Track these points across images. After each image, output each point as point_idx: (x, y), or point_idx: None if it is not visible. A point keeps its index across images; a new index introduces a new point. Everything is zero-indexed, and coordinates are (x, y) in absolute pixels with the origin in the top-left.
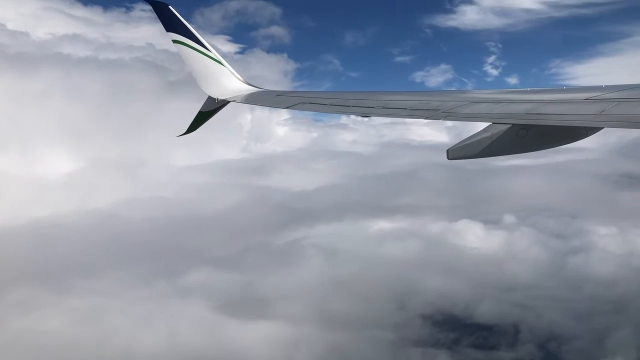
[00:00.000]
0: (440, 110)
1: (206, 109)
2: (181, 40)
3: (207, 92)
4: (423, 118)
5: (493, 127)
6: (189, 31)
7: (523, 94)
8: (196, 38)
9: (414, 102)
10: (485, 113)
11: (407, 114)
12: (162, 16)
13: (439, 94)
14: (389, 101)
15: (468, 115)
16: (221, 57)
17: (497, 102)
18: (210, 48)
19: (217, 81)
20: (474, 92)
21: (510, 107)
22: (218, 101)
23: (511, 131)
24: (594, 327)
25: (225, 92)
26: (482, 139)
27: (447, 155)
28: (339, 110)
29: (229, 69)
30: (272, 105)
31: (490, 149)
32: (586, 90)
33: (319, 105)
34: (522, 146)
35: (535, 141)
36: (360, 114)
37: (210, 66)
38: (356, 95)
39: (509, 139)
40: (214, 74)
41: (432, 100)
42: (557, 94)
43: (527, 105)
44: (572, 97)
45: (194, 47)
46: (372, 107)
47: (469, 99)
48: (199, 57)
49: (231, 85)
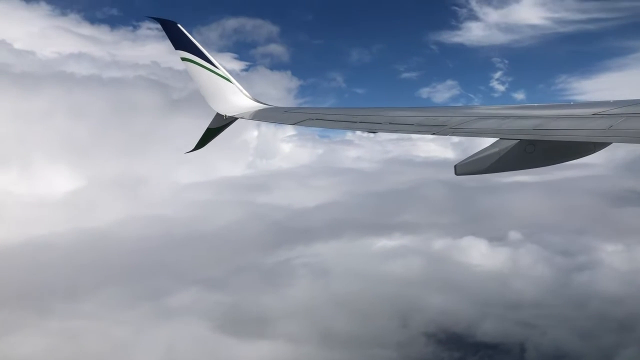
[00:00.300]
0: (447, 126)
1: (214, 125)
2: (190, 57)
3: (215, 108)
4: (430, 134)
5: (501, 142)
6: (198, 49)
7: (530, 110)
8: (204, 55)
9: (420, 118)
10: (493, 128)
11: (414, 130)
12: (171, 34)
13: (445, 109)
14: (396, 117)
15: (475, 130)
16: (229, 74)
17: (504, 118)
18: (219, 65)
19: (225, 98)
20: (481, 108)
21: (518, 123)
22: (226, 118)
23: (519, 147)
24: (600, 345)
25: (233, 109)
26: (489, 154)
27: (455, 171)
28: (346, 126)
29: (237, 85)
30: (279, 121)
31: (498, 165)
32: (594, 106)
33: (326, 121)
34: (530, 162)
35: (543, 157)
36: (367, 130)
37: (218, 83)
38: (363, 111)
39: (517, 155)
40: (222, 90)
41: (439, 116)
42: (565, 110)
43: (534, 120)
44: (579, 112)
45: (203, 64)
46: (378, 123)
47: (476, 115)
48: (207, 75)
49: (239, 102)
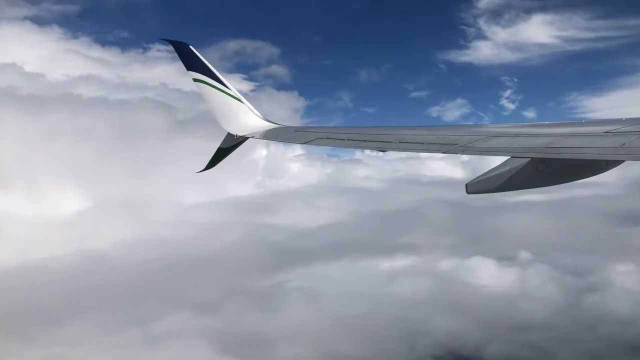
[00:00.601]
0: (458, 145)
1: (225, 145)
2: (201, 78)
3: (226, 128)
4: (440, 152)
5: (512, 161)
6: (209, 70)
7: (542, 128)
8: (216, 76)
9: (431, 137)
10: (504, 147)
11: (424, 149)
12: (183, 56)
13: (456, 128)
14: (406, 135)
15: (486, 149)
16: (240, 95)
17: (515, 136)
18: (230, 86)
19: (236, 118)
20: (492, 126)
21: (529, 141)
22: (237, 137)
23: (530, 165)
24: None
25: (244, 129)
26: (501, 173)
27: (466, 190)
28: (356, 144)
29: (248, 105)
30: (290, 140)
31: (510, 183)
32: (606, 124)
33: (336, 140)
34: (542, 180)
35: (555, 175)
36: (377, 149)
37: (229, 103)
38: (373, 130)
39: (529, 173)
40: (233, 111)
41: (449, 134)
42: (577, 127)
43: (546, 138)
44: (591, 130)
45: (214, 85)
46: (389, 141)
47: (486, 133)
48: (219, 95)
49: (250, 121)
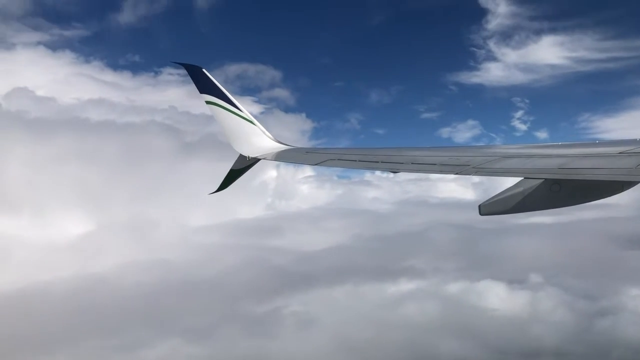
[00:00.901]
0: (470, 166)
1: (237, 166)
2: (214, 101)
3: (238, 150)
4: (453, 173)
5: (525, 182)
6: (222, 92)
7: (555, 149)
8: (228, 99)
9: (443, 158)
10: (517, 168)
11: (437, 170)
12: (196, 79)
13: (468, 149)
14: (418, 157)
15: (499, 170)
16: (252, 117)
17: (528, 157)
18: (242, 108)
19: (248, 140)
20: (504, 147)
21: (543, 162)
22: (249, 159)
23: (544, 186)
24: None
25: (256, 150)
26: (514, 194)
27: (479, 211)
28: (368, 166)
29: (260, 127)
30: (301, 162)
31: (523, 205)
32: (620, 144)
33: (347, 161)
34: (556, 201)
35: (570, 196)
36: (389, 170)
37: (241, 125)
38: (385, 151)
39: (542, 194)
40: (245, 132)
41: (462, 155)
42: (590, 148)
43: (559, 159)
44: (605, 150)
45: (226, 107)
46: (400, 162)
47: (499, 154)
48: (231, 117)
49: (262, 143)
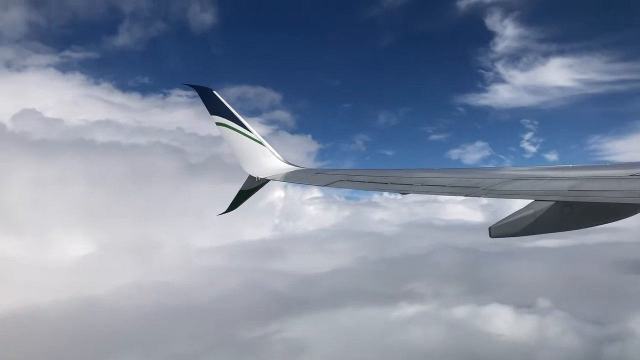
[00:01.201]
0: (480, 187)
1: (247, 187)
2: (224, 122)
3: (248, 171)
4: (463, 195)
5: (535, 204)
6: (232, 113)
7: (565, 171)
8: (238, 120)
9: (453, 179)
10: (527, 190)
11: (447, 191)
12: (207, 100)
13: (478, 171)
14: (428, 178)
15: (509, 192)
16: (262, 138)
17: (538, 179)
18: (252, 129)
19: (257, 160)
20: (514, 169)
21: (553, 184)
22: (258, 180)
23: (555, 208)
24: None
25: (265, 171)
26: (524, 216)
27: (489, 233)
28: (377, 187)
29: (269, 148)
30: (311, 183)
31: (534, 227)
32: (631, 167)
33: (357, 182)
34: (567, 224)
35: (581, 219)
36: (399, 191)
37: (251, 146)
38: (394, 172)
39: (553, 217)
40: (254, 153)
41: (472, 177)
42: (601, 170)
43: (570, 182)
44: (616, 173)
45: (236, 128)
46: (410, 184)
47: (509, 176)
48: (241, 138)
49: (271, 164)
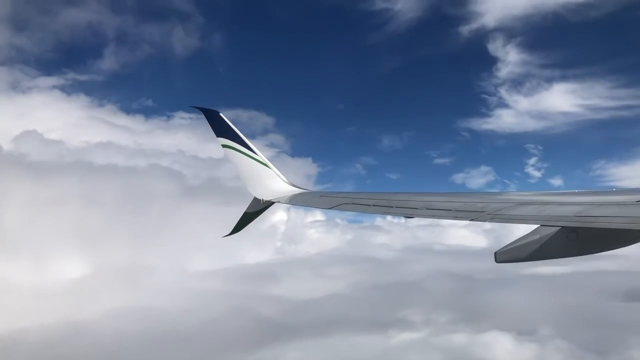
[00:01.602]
0: (486, 212)
1: (252, 209)
2: (230, 144)
3: (253, 193)
4: (468, 220)
5: (541, 229)
6: (238, 136)
7: (571, 196)
8: (244, 142)
9: (458, 204)
10: (533, 215)
11: (452, 216)
12: (213, 122)
13: (483, 195)
14: (433, 202)
15: (515, 217)
16: (267, 160)
17: (544, 204)
18: (257, 151)
19: (263, 183)
20: (520, 194)
21: (559, 209)
22: (263, 202)
23: (561, 234)
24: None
25: (270, 194)
26: (530, 241)
27: (495, 258)
28: (382, 210)
29: (275, 171)
30: (316, 205)
31: (540, 253)
32: (637, 193)
33: (362, 205)
34: (573, 250)
35: (587, 245)
36: (404, 215)
37: (256, 168)
38: (399, 196)
39: (559, 242)
40: (260, 176)
41: (477, 201)
42: (607, 196)
43: (576, 207)
44: (623, 199)
45: (242, 150)
46: (415, 208)
47: (515, 201)
48: (247, 160)
49: (276, 186)
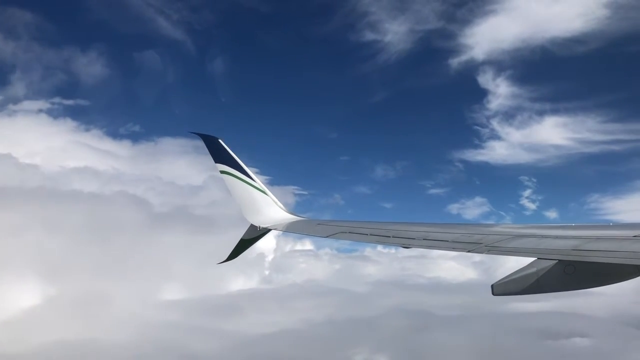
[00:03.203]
0: (483, 244)
1: (248, 236)
2: (228, 171)
3: (250, 220)
4: (465, 251)
5: (538, 262)
6: (236, 162)
7: (568, 230)
8: (242, 169)
9: (455, 235)
10: (530, 248)
11: (449, 247)
12: (212, 149)
13: (481, 227)
14: (430, 233)
15: (512, 249)
16: (265, 187)
17: (541, 237)
18: (255, 178)
19: (259, 210)
20: (517, 226)
21: (556, 243)
22: (260, 229)
23: (558, 267)
24: None
25: (267, 221)
26: (527, 274)
27: (492, 291)
28: (379, 240)
29: (272, 198)
30: (312, 233)
31: (537, 286)
32: (634, 227)
33: (358, 234)
34: (570, 284)
35: (584, 279)
36: (401, 245)
37: (254, 195)
38: (396, 225)
39: (556, 276)
40: (257, 203)
41: (474, 233)
42: (604, 231)
43: (573, 241)
44: (620, 233)
45: (240, 177)
46: (412, 238)
47: (512, 233)
48: (244, 187)
49: (273, 214)
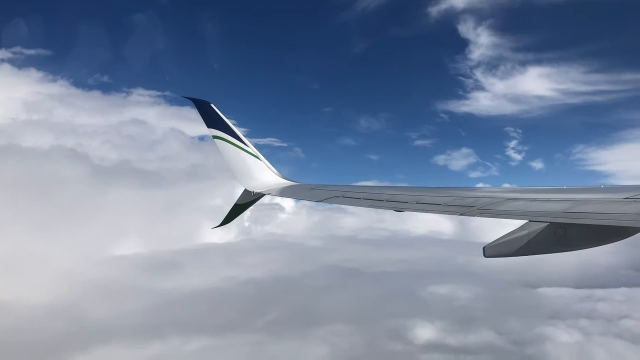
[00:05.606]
0: (475, 207)
1: (242, 201)
2: (221, 135)
3: (243, 185)
4: (457, 214)
5: (529, 225)
6: (229, 127)
7: (560, 193)
8: (235, 134)
9: (448, 198)
10: (522, 211)
11: (441, 210)
12: (204, 113)
13: (473, 190)
14: (423, 197)
15: (504, 212)
16: (258, 152)
17: (533, 200)
18: (248, 143)
19: (253, 175)
20: (509, 189)
21: (547, 205)
22: (253, 194)
23: (549, 230)
24: None
25: (261, 185)
26: (519, 237)
27: (483, 253)
28: (373, 204)
29: (265, 163)
30: (306, 198)
31: (528, 248)
32: (625, 190)
33: (352, 199)
34: (561, 245)
35: (574, 240)
36: (394, 209)
37: (247, 160)
38: (390, 189)
39: (547, 238)
40: (250, 167)
41: (467, 196)
42: (595, 194)
43: (564, 204)
44: (610, 196)
45: (233, 142)
46: (405, 202)
47: (504, 196)
48: (237, 152)
49: (267, 178)
